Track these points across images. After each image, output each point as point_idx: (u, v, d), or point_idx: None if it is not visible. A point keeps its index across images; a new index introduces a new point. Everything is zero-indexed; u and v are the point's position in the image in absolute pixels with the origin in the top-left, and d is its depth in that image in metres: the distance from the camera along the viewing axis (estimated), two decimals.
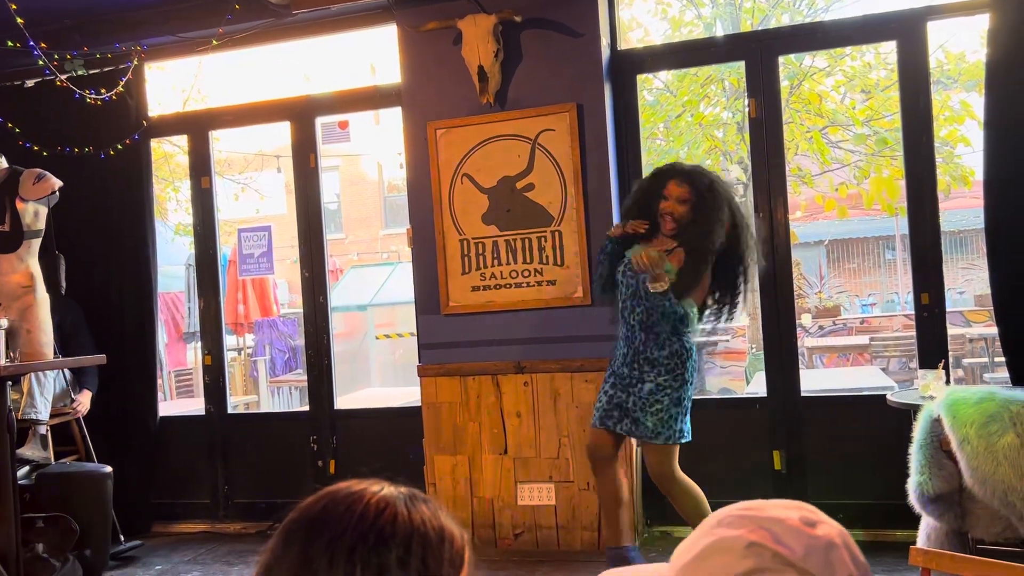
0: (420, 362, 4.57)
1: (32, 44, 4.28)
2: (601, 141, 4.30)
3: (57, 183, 3.98)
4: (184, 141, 6.17)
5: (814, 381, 5.77)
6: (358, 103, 5.12)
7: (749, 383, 7.47)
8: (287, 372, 9.18)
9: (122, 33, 4.84)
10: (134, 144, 5.02)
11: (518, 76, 4.37)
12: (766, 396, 4.38)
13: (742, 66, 4.59)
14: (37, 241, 4.00)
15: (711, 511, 0.98)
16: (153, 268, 5.13)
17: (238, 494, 5.06)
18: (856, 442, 4.19)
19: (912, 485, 2.95)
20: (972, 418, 2.75)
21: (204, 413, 5.22)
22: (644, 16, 8.44)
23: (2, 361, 3.49)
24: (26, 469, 4.26)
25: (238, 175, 11.55)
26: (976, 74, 7.68)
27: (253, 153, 11.73)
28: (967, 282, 13.53)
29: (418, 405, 4.64)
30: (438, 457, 4.48)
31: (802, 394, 4.33)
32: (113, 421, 4.85)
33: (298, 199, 5.08)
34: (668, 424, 3.40)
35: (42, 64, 4.52)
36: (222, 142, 8.79)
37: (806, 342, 9.26)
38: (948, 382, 3.70)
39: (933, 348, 4.09)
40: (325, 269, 5.04)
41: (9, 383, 3.70)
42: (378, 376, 10.02)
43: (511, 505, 4.35)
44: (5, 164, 4.04)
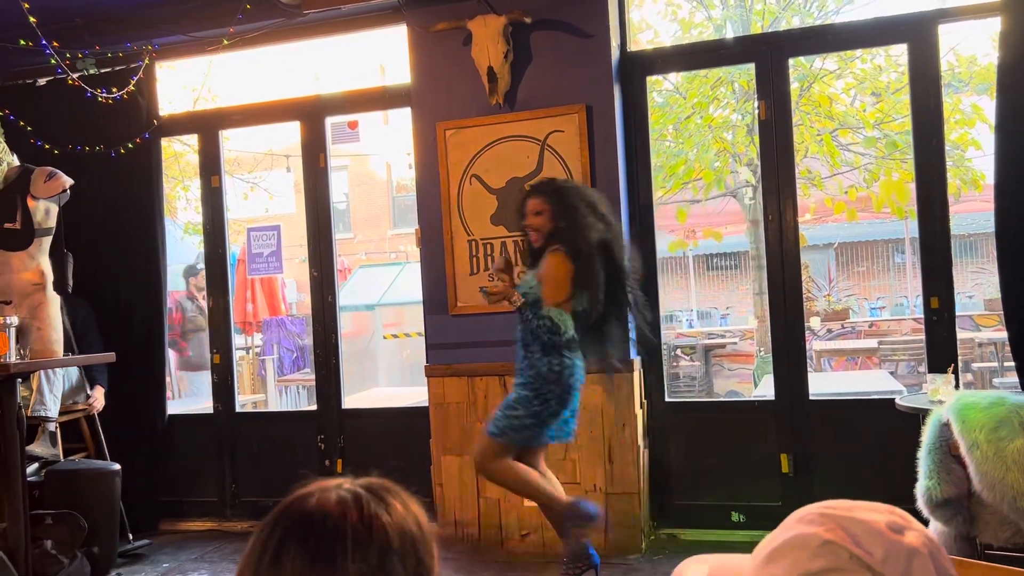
0: (428, 362, 4.57)
1: (44, 43, 4.30)
2: (610, 143, 4.30)
3: (68, 181, 4.01)
4: (194, 140, 6.20)
5: (822, 384, 5.75)
6: (367, 103, 5.14)
7: (757, 386, 7.46)
8: (295, 371, 9.20)
9: (133, 32, 4.86)
10: (145, 143, 5.04)
11: (528, 77, 4.37)
12: (774, 399, 4.37)
13: (752, 68, 4.58)
14: (48, 239, 4.02)
15: (541, 488, 1.00)
16: (163, 266, 5.15)
17: (245, 492, 5.07)
18: (864, 446, 4.18)
19: (920, 489, 2.94)
20: (981, 423, 2.74)
21: (212, 411, 5.23)
22: (654, 17, 8.43)
23: (13, 358, 3.50)
24: (35, 466, 4.28)
25: (247, 174, 11.57)
26: (987, 77, 7.65)
27: (262, 152, 11.76)
28: (977, 286, 13.47)
29: (425, 405, 4.65)
30: (445, 458, 4.48)
31: (810, 397, 4.32)
32: (121, 418, 4.87)
33: (307, 199, 5.09)
34: (513, 427, 3.40)
35: (54, 63, 4.54)
36: (231, 141, 8.79)
37: (814, 345, 9.23)
38: (957, 386, 3.69)
39: (942, 352, 4.07)
40: (334, 268, 5.05)
41: (19, 380, 3.72)
42: (385, 376, 10.03)
43: (518, 506, 4.35)
44: (17, 162, 4.07)
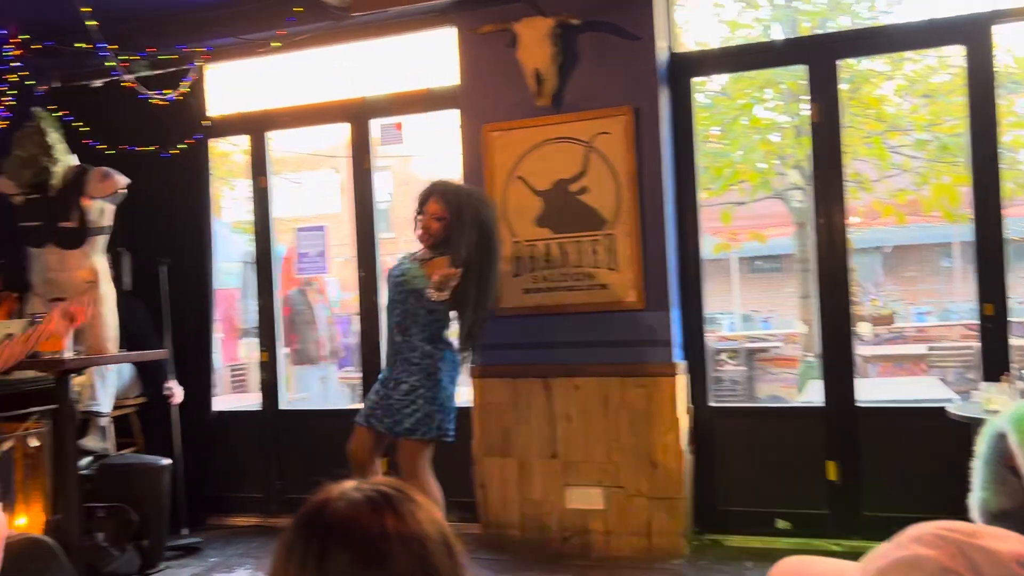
0: (470, 363, 4.58)
1: (101, 45, 4.40)
2: (656, 144, 4.27)
3: (122, 181, 4.09)
4: (240, 140, 6.29)
5: (870, 390, 5.65)
6: (412, 105, 5.17)
7: (802, 391, 7.36)
8: (339, 370, 9.28)
9: (186, 35, 4.93)
10: (195, 144, 5.12)
11: (574, 79, 4.37)
12: (823, 405, 4.31)
13: (801, 69, 4.53)
14: (103, 238, 4.11)
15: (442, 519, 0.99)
16: (211, 265, 5.24)
17: (290, 489, 5.13)
18: (914, 454, 4.10)
19: (975, 501, 2.87)
20: None
21: (259, 408, 5.31)
22: (700, 19, 8.35)
23: (68, 354, 3.59)
24: (87, 460, 4.37)
25: (292, 174, 11.71)
26: None
27: (308, 153, 11.89)
28: None
29: (467, 405, 4.66)
30: (487, 459, 4.49)
31: (858, 404, 4.25)
32: (171, 414, 4.94)
33: (355, 200, 5.14)
34: (426, 422, 3.64)
35: (110, 65, 4.63)
36: (276, 141, 8.92)
37: (861, 350, 9.08)
38: (1016, 396, 3.60)
39: (996, 360, 3.99)
40: (377, 268, 5.09)
41: (72, 375, 3.81)
42: None
43: (560, 508, 4.35)
44: (74, 163, 4.16)
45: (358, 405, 4.58)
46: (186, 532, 4.67)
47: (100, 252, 4.07)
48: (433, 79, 4.95)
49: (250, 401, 6.69)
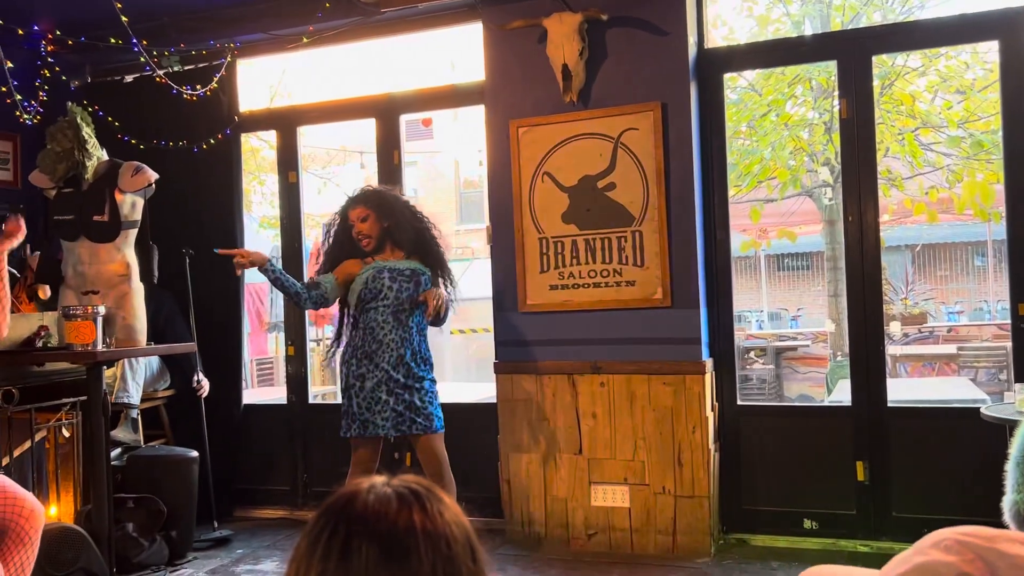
0: (496, 359, 4.59)
1: (134, 41, 4.44)
2: (685, 141, 4.25)
3: (153, 176, 4.13)
4: (269, 135, 6.33)
5: (901, 390, 5.58)
6: (439, 101, 5.18)
7: (831, 391, 7.29)
8: None
9: (217, 30, 4.98)
10: (225, 139, 5.17)
11: (602, 74, 4.35)
12: (851, 405, 4.26)
13: (832, 65, 4.48)
14: (134, 232, 4.15)
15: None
16: None
17: (316, 482, 5.17)
18: (945, 456, 4.05)
19: (1008, 503, 2.82)
20: None
21: (286, 402, 5.35)
22: (730, 13, 8.29)
23: (100, 346, 3.63)
24: (118, 451, 4.42)
25: (320, 169, 11.77)
26: None
27: (336, 148, 11.95)
28: None
29: (492, 401, 4.66)
30: (513, 455, 4.49)
31: (889, 404, 4.20)
32: (199, 407, 4.99)
33: None
34: (440, 413, 3.81)
35: (142, 60, 4.68)
36: (305, 137, 8.98)
37: (891, 350, 8.98)
38: None
39: None
40: None
41: (104, 367, 3.85)
42: (451, 371, 10.10)
43: (584, 505, 4.34)
44: (106, 157, 4.21)
45: None
46: (216, 526, 4.71)
47: (131, 246, 4.12)
48: (460, 75, 4.95)
49: (277, 395, 6.74)
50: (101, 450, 3.69)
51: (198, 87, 4.93)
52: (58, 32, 4.85)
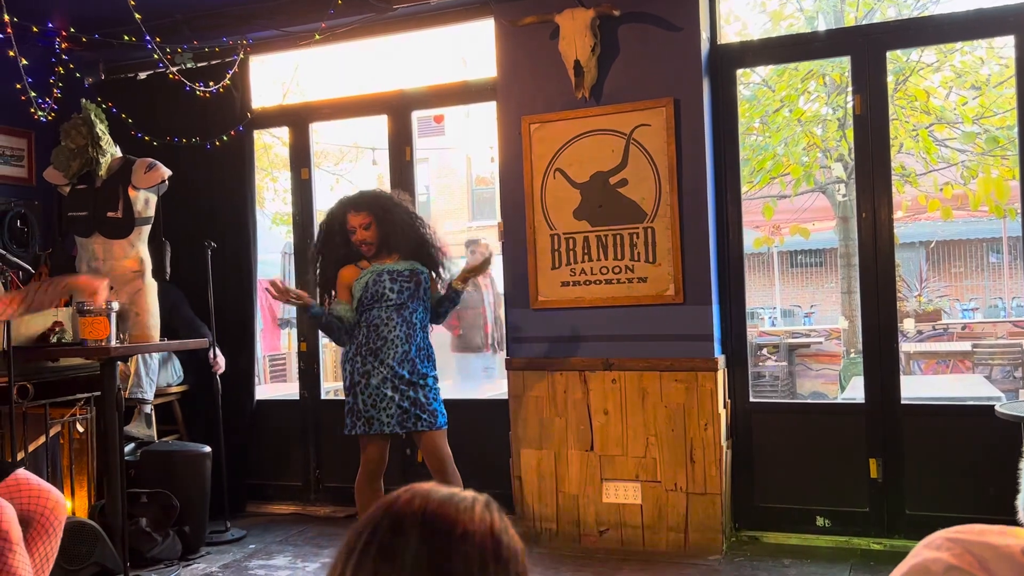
0: (508, 355, 4.59)
1: (148, 38, 4.46)
2: (698, 137, 4.23)
3: (167, 172, 4.15)
4: (282, 132, 6.34)
5: (914, 388, 5.56)
6: (451, 98, 5.18)
7: (844, 388, 7.26)
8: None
9: (229, 27, 4.99)
10: (238, 135, 5.18)
11: (614, 70, 4.34)
12: (864, 402, 4.24)
13: (846, 61, 4.45)
14: (147, 228, 4.17)
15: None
16: (254, 256, 5.30)
17: (328, 478, 5.19)
18: (959, 453, 4.02)
19: (1022, 501, 2.82)
20: None
21: (298, 398, 5.36)
22: (743, 9, 8.26)
23: (114, 342, 3.65)
24: (131, 446, 4.45)
25: (332, 166, 11.80)
26: None
27: (348, 145, 11.98)
28: None
29: (503, 398, 4.66)
30: (524, 451, 4.49)
31: (902, 401, 4.18)
32: (212, 402, 5.02)
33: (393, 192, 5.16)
34: (443, 410, 3.82)
35: (156, 57, 4.70)
36: (317, 134, 9.01)
37: (904, 347, 8.94)
38: None
39: None
40: None
41: (118, 363, 3.88)
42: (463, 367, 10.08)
43: (596, 502, 4.34)
44: (120, 154, 4.23)
45: None
46: (228, 527, 4.72)
47: (144, 242, 4.14)
48: (472, 71, 4.95)
49: (289, 391, 6.76)
50: (115, 445, 3.71)
51: (211, 84, 4.95)
52: (72, 29, 4.88)
